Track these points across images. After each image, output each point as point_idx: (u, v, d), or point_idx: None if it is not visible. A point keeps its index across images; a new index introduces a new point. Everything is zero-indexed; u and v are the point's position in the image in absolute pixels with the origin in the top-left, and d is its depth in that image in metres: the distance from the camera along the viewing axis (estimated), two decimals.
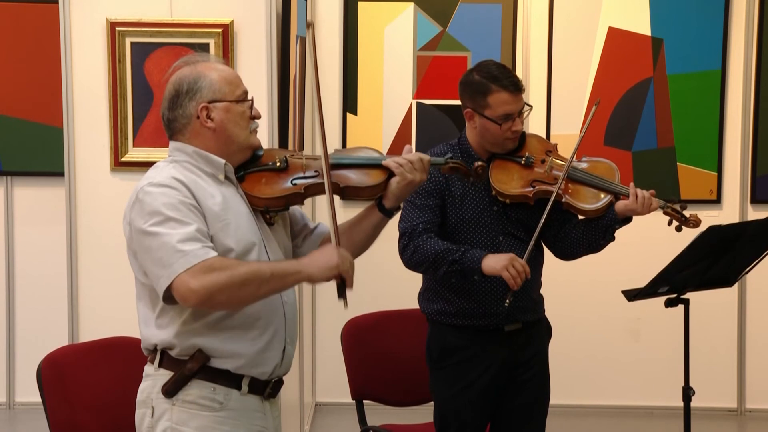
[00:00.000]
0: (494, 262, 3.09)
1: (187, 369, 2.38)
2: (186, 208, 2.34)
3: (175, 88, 2.45)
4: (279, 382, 2.53)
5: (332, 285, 2.44)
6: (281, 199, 2.52)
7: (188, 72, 2.46)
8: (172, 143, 2.49)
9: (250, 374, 2.44)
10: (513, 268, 3.06)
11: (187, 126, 2.45)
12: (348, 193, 2.58)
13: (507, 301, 3.13)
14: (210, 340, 2.39)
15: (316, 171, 2.55)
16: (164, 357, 2.42)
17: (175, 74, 2.48)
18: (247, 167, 2.54)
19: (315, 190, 2.55)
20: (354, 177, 2.59)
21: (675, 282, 3.29)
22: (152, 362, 2.44)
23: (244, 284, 2.31)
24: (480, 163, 2.86)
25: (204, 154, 2.45)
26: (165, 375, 2.41)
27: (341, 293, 2.42)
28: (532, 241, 3.16)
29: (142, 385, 2.47)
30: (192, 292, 2.27)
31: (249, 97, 2.51)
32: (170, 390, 2.39)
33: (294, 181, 2.54)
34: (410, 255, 3.20)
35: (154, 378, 2.43)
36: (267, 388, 2.49)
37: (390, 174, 2.59)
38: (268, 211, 2.54)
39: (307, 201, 2.66)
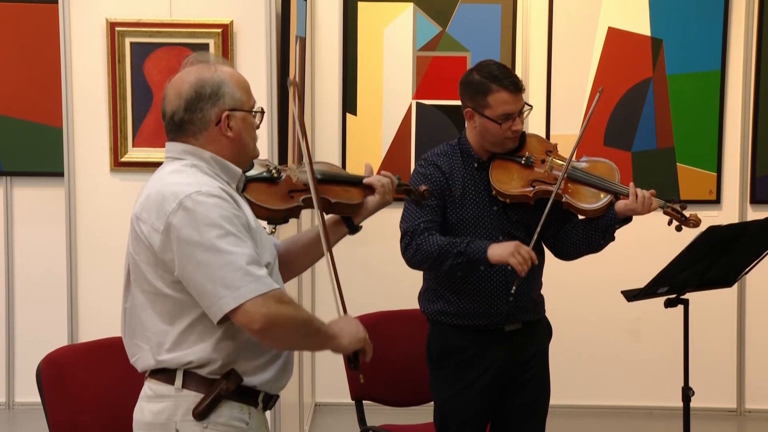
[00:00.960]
0: (501, 250, 3.10)
1: (223, 390, 2.30)
2: (241, 224, 2.27)
3: (195, 89, 2.31)
4: (278, 395, 2.51)
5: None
6: (283, 211, 2.53)
7: (210, 75, 2.33)
8: (179, 145, 2.36)
9: (265, 389, 2.40)
10: (519, 254, 3.07)
11: (203, 131, 2.34)
12: (336, 209, 2.62)
13: (513, 288, 3.15)
14: (246, 354, 2.33)
15: (305, 185, 2.56)
16: (188, 377, 2.31)
17: (193, 74, 2.33)
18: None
19: (310, 203, 2.56)
20: (340, 193, 2.63)
21: (675, 282, 3.29)
22: (169, 383, 2.32)
23: (299, 327, 2.30)
24: (425, 187, 3.00)
25: (222, 161, 2.36)
26: (191, 396, 2.31)
27: (356, 365, 2.43)
28: (537, 233, 3.16)
29: (157, 407, 2.34)
30: (264, 317, 2.20)
31: (258, 108, 2.42)
32: (204, 412, 2.29)
33: (291, 194, 2.54)
34: (413, 253, 3.20)
35: (176, 399, 2.31)
36: (270, 402, 2.47)
37: (365, 193, 2.66)
38: (271, 222, 2.54)
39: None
